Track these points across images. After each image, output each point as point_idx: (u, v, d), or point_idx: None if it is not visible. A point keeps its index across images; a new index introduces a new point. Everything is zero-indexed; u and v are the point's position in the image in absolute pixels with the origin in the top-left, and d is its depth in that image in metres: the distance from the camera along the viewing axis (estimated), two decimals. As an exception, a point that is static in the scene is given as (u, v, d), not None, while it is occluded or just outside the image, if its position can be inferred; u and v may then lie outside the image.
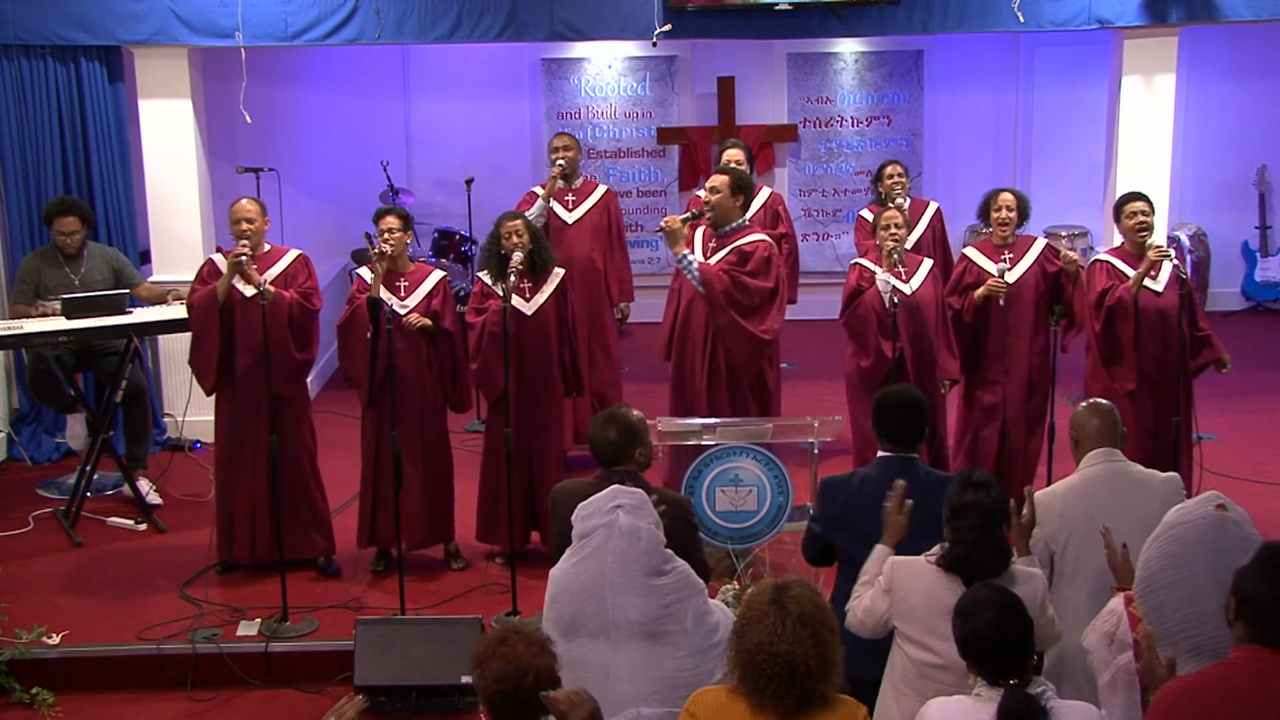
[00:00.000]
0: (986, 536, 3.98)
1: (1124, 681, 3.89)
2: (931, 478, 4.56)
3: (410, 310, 6.50)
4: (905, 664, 4.07)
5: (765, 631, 3.28)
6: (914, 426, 4.61)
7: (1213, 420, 8.26)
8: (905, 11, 8.29)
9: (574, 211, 7.97)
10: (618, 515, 3.97)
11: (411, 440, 6.47)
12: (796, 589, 3.37)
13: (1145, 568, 3.87)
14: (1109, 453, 4.70)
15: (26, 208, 8.20)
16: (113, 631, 6.20)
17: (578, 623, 3.96)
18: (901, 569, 4.11)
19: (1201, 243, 10.90)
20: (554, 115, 10.94)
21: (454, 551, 6.82)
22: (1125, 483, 4.63)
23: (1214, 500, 3.87)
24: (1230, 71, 10.87)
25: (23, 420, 8.46)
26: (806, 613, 3.31)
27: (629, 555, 3.94)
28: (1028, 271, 6.87)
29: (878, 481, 4.51)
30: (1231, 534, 3.79)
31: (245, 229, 6.50)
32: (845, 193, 10.99)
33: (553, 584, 4.05)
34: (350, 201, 10.43)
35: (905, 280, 6.61)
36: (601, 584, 3.93)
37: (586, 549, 3.99)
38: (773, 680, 3.26)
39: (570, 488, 4.64)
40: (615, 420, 4.58)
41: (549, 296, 6.65)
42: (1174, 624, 3.76)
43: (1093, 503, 4.59)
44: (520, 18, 8.20)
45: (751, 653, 3.30)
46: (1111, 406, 4.84)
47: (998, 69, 11.05)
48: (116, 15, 8.05)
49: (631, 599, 3.91)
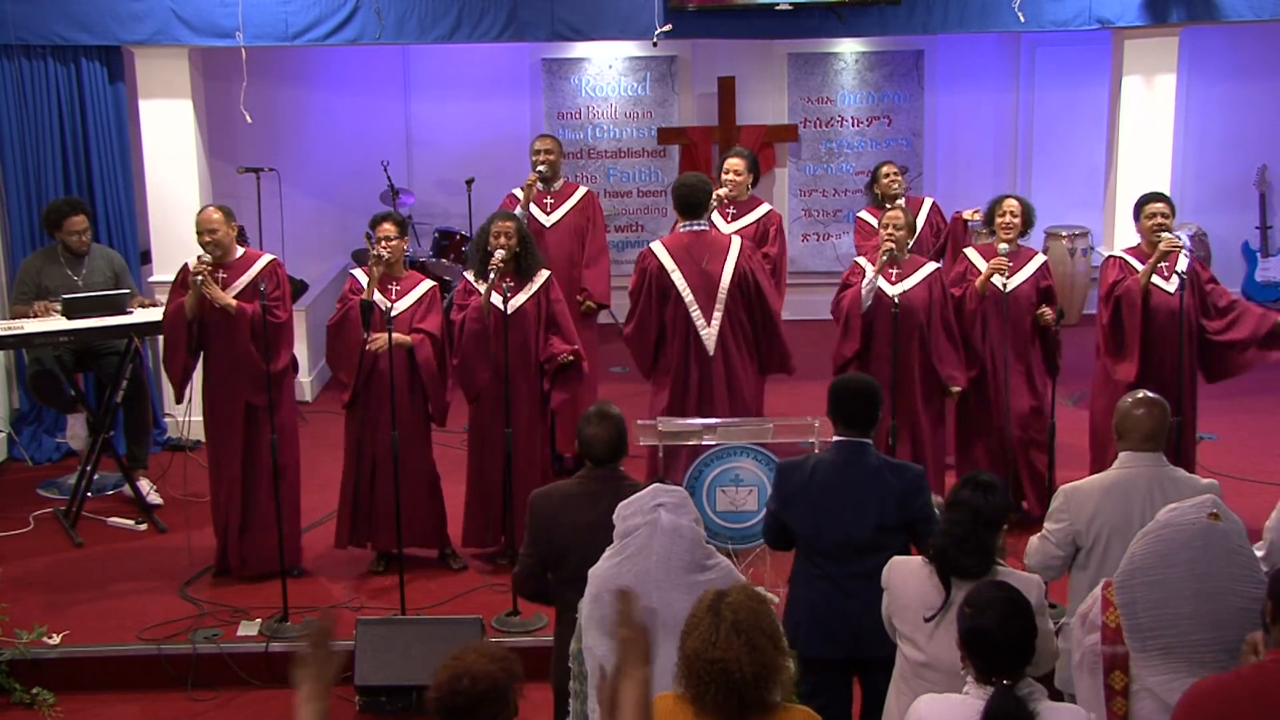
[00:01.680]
0: (970, 535, 3.99)
1: (1089, 662, 3.91)
2: (882, 463, 4.69)
3: (398, 314, 6.49)
4: (902, 662, 4.11)
5: (700, 639, 3.29)
6: (867, 412, 4.70)
7: (1213, 420, 8.26)
8: (905, 11, 8.29)
9: (552, 215, 7.88)
10: (660, 514, 4.01)
11: (402, 439, 6.42)
12: (735, 595, 3.36)
13: (1129, 561, 3.88)
14: (1154, 457, 4.54)
15: (26, 208, 8.20)
16: (113, 631, 6.20)
17: None
18: (899, 567, 4.17)
19: (1201, 243, 10.89)
20: (554, 115, 10.94)
21: (453, 552, 6.83)
22: (1167, 488, 4.46)
23: (1209, 507, 3.86)
24: (1230, 71, 10.87)
25: (23, 420, 8.47)
26: (741, 620, 3.29)
27: (673, 552, 3.99)
28: (1024, 285, 6.88)
29: (830, 465, 4.67)
30: (1218, 544, 3.78)
31: (208, 240, 6.44)
32: (845, 193, 10.98)
33: (593, 583, 4.06)
34: (350, 201, 10.43)
35: (895, 282, 6.65)
36: (647, 582, 3.96)
37: (629, 548, 4.02)
38: (710, 687, 3.26)
39: (550, 492, 4.71)
40: (609, 417, 4.62)
41: (530, 297, 6.62)
42: (1145, 620, 3.78)
43: (1130, 504, 4.47)
44: (520, 18, 8.20)
45: (690, 659, 3.30)
46: (1162, 403, 4.60)
47: (998, 69, 11.05)
48: (117, 15, 8.05)
49: (677, 595, 3.94)
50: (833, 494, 4.60)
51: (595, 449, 4.60)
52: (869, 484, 4.59)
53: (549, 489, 4.77)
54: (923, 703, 3.52)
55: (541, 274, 6.70)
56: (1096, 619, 3.91)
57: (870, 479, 4.60)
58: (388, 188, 10.09)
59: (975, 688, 3.44)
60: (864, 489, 4.59)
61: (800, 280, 10.17)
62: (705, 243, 6.75)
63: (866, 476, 4.60)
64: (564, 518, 4.52)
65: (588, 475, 4.63)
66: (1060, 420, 6.86)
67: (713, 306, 6.66)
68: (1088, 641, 3.92)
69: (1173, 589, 3.75)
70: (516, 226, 6.63)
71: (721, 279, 6.65)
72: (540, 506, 4.64)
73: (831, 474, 4.64)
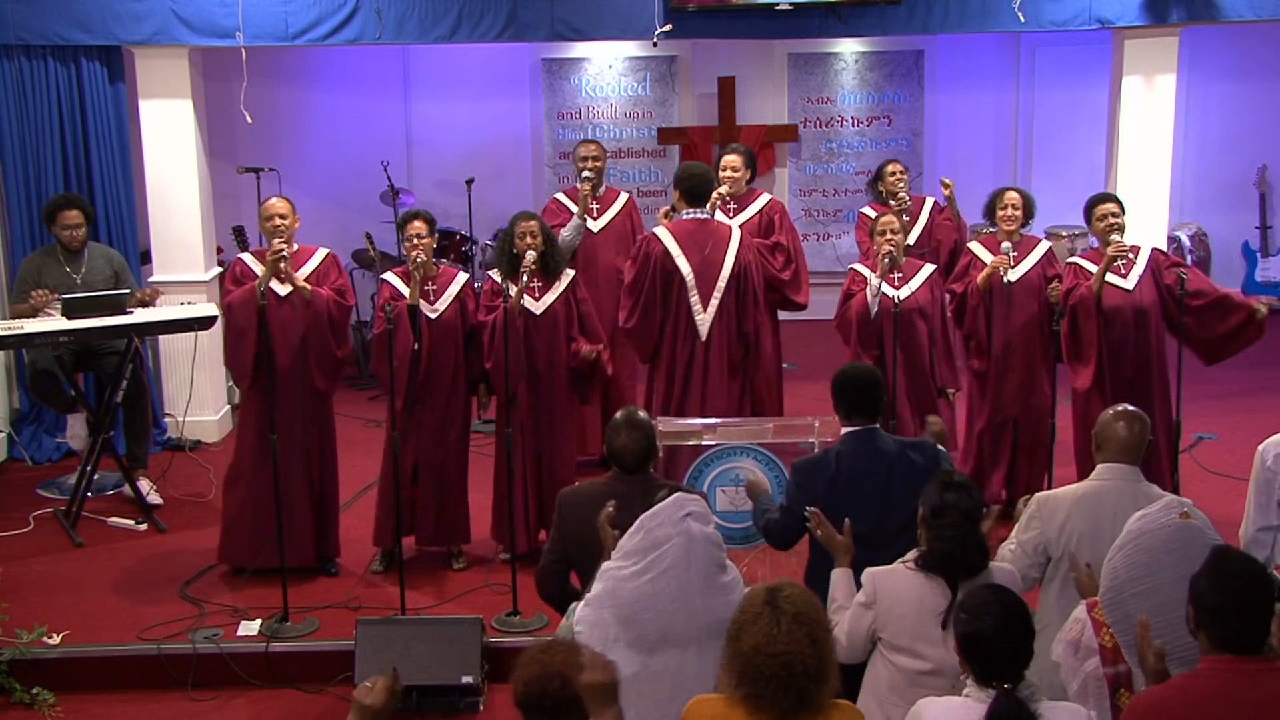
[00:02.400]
0: (967, 534, 4.02)
1: (1093, 688, 3.89)
2: (899, 443, 4.74)
3: (440, 314, 6.52)
4: (893, 674, 4.05)
5: (761, 633, 3.27)
6: (873, 398, 4.73)
7: (1213, 420, 8.27)
8: (906, 12, 8.29)
9: (598, 220, 7.85)
10: (689, 524, 4.03)
11: (445, 440, 6.60)
12: (789, 589, 3.38)
13: (1112, 578, 3.87)
14: (1130, 472, 4.47)
15: (27, 208, 8.20)
16: (113, 631, 6.20)
17: (666, 636, 3.99)
18: (883, 579, 4.12)
19: (1201, 243, 10.90)
20: (554, 115, 10.94)
21: (455, 551, 6.83)
22: (1136, 503, 4.35)
23: (1177, 508, 3.89)
24: (1230, 71, 10.88)
25: (23, 420, 8.46)
26: (801, 612, 3.30)
27: (708, 560, 4.02)
28: (1030, 271, 6.89)
29: (852, 455, 4.66)
30: (1197, 541, 3.80)
31: (278, 225, 6.50)
32: (845, 193, 10.99)
33: (619, 605, 4.02)
34: (350, 202, 10.44)
35: (898, 287, 6.66)
36: (690, 592, 3.98)
37: (664, 562, 4.00)
38: (771, 682, 3.24)
39: (580, 491, 4.68)
40: (639, 425, 4.61)
41: (558, 296, 6.65)
42: None
43: (1100, 515, 4.43)
44: (520, 18, 8.20)
45: (749, 655, 3.28)
46: (1144, 416, 4.56)
47: (998, 69, 11.06)
48: (117, 15, 8.05)
49: (716, 601, 3.99)
50: (862, 482, 4.60)
51: (626, 459, 4.59)
52: (897, 466, 4.61)
53: (579, 488, 4.74)
54: (922, 706, 3.51)
55: (567, 273, 6.72)
56: (1091, 643, 3.90)
57: (895, 461, 4.62)
58: (388, 188, 10.10)
59: (975, 690, 3.43)
60: (895, 472, 4.60)
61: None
62: (708, 230, 6.85)
63: (891, 459, 4.63)
64: (594, 518, 4.44)
65: (618, 476, 4.61)
66: (1061, 420, 6.85)
67: (710, 293, 6.73)
68: (1088, 667, 3.90)
69: (1164, 595, 3.75)
70: (540, 225, 6.63)
71: (723, 268, 6.73)
72: (569, 506, 4.61)
73: (856, 464, 4.63)
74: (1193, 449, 7.92)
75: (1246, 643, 3.30)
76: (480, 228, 10.14)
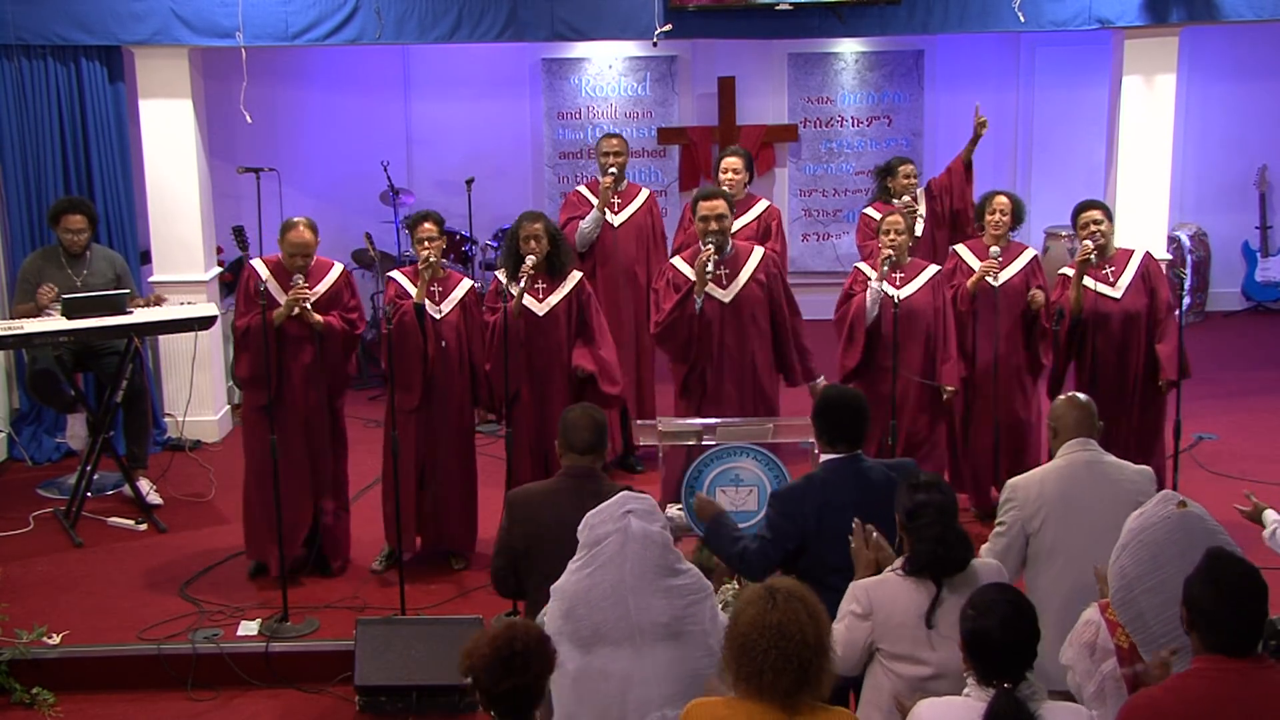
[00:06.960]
0: (947, 529, 4.02)
1: (1111, 689, 3.87)
2: (881, 466, 4.67)
3: (444, 316, 6.55)
4: (896, 683, 4.03)
5: (756, 611, 3.30)
6: (857, 425, 4.67)
7: (1213, 420, 8.27)
8: (906, 11, 8.29)
9: (619, 215, 7.85)
10: (629, 520, 4.01)
11: (450, 442, 6.61)
12: (784, 582, 3.42)
13: (1121, 577, 3.87)
14: (1085, 442, 4.81)
15: (27, 208, 8.20)
16: (113, 631, 6.20)
17: (600, 633, 3.97)
18: (876, 589, 4.09)
19: (1201, 243, 10.89)
20: (554, 115, 10.94)
21: (456, 552, 6.82)
22: (1100, 471, 4.75)
23: (1172, 499, 3.91)
24: (1230, 71, 10.87)
25: (23, 420, 8.46)
26: (796, 591, 3.35)
27: (646, 559, 3.98)
28: (1013, 278, 6.90)
29: (839, 484, 4.58)
30: (1197, 529, 3.82)
31: (301, 263, 6.44)
32: (845, 193, 10.98)
33: (563, 599, 4.03)
34: (350, 202, 10.43)
35: (899, 286, 6.65)
36: (623, 590, 3.95)
37: (600, 558, 4.00)
38: (770, 654, 3.23)
39: (528, 490, 4.77)
40: (593, 414, 4.74)
41: (562, 298, 6.64)
42: (1157, 628, 3.77)
43: (1069, 486, 4.70)
44: (520, 18, 8.20)
45: (745, 633, 3.29)
46: (1089, 400, 4.95)
47: (998, 69, 11.04)
48: (117, 15, 8.05)
49: (654, 600, 3.95)
50: (847, 512, 4.44)
51: (573, 440, 4.68)
52: (882, 490, 4.48)
53: (527, 488, 4.82)
54: (923, 706, 3.51)
55: (574, 275, 6.71)
56: (1107, 644, 3.88)
57: (880, 485, 4.52)
58: (388, 188, 10.09)
59: (976, 689, 3.44)
60: (879, 496, 4.47)
61: (800, 280, 10.14)
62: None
63: (876, 484, 4.54)
64: (543, 516, 4.54)
65: (567, 474, 4.67)
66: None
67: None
68: (1105, 669, 3.89)
69: (1174, 588, 3.73)
70: (546, 226, 6.61)
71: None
72: (517, 505, 4.67)
73: (841, 493, 4.53)
74: (1193, 449, 7.91)
75: (1239, 645, 3.32)
76: (480, 228, 10.14)
